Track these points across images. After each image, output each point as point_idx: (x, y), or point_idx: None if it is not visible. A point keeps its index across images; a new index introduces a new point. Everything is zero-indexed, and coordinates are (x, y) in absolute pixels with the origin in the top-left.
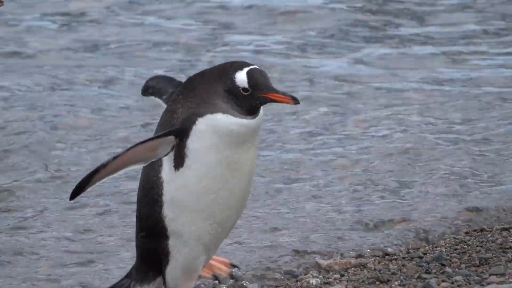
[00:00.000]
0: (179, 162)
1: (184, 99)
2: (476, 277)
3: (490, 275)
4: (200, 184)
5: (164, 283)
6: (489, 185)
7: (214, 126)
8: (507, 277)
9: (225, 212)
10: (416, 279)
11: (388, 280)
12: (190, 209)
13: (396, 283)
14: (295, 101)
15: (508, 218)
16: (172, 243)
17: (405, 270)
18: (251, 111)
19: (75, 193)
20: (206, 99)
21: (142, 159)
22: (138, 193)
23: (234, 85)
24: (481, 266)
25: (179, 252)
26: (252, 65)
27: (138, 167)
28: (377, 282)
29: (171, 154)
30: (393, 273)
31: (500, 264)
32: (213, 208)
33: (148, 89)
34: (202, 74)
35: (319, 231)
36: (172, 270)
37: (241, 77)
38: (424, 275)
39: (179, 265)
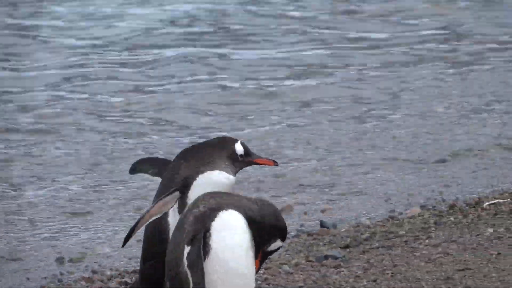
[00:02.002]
0: (182, 210)
1: (186, 161)
2: None
3: None
4: None
5: None
6: None
7: (212, 180)
8: None
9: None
10: None
11: None
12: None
13: None
14: (276, 163)
15: None
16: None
17: None
18: (236, 172)
19: (126, 240)
20: (207, 161)
21: (159, 212)
22: (146, 235)
23: (234, 153)
24: None
25: None
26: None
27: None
28: None
29: (175, 205)
30: None
31: None
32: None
33: (135, 170)
34: (201, 145)
35: None
36: None
37: (238, 147)
38: None
39: None
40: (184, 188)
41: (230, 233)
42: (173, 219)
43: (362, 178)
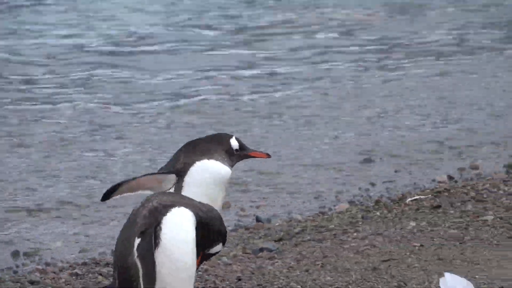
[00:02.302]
0: (178, 191)
1: (186, 151)
2: None
3: None
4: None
5: None
6: None
7: (208, 167)
8: None
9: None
10: None
11: None
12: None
13: None
14: (268, 155)
15: None
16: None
17: None
18: (232, 165)
19: (104, 197)
20: (205, 152)
21: (151, 187)
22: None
23: (230, 148)
24: None
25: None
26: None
27: (148, 193)
28: None
29: (172, 189)
30: None
31: None
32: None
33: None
34: (201, 140)
35: None
36: None
37: (234, 142)
38: None
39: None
40: (181, 172)
41: (180, 229)
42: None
43: (294, 178)
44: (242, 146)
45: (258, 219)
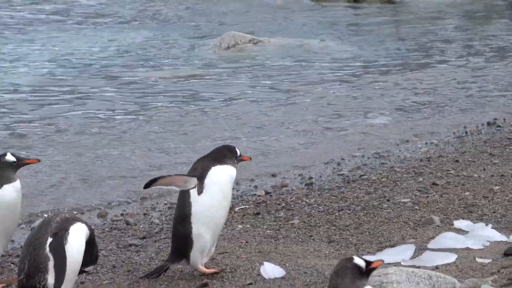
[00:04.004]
0: (200, 191)
1: (202, 162)
2: None
3: None
4: (211, 203)
5: (188, 261)
6: None
7: (220, 171)
8: None
9: (222, 218)
10: None
11: None
12: (206, 216)
13: None
14: (250, 159)
15: None
16: (194, 238)
17: None
18: (236, 167)
19: (146, 186)
20: (217, 160)
21: (178, 185)
22: (175, 211)
23: (237, 156)
24: None
25: (198, 242)
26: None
27: (176, 189)
28: None
29: (195, 188)
30: None
31: None
32: (217, 215)
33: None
34: (214, 151)
35: None
36: (194, 253)
37: (238, 151)
38: None
39: (198, 249)
40: (201, 176)
41: (80, 237)
42: (193, 199)
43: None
44: (240, 153)
45: (127, 223)
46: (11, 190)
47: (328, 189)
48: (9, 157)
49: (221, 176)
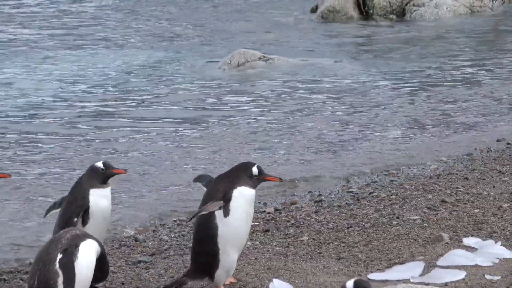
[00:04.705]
0: (226, 213)
1: (224, 182)
2: None
3: None
4: (238, 224)
5: (212, 279)
6: None
7: (243, 193)
8: None
9: (246, 237)
10: None
11: None
12: (233, 237)
13: None
14: (281, 179)
15: None
16: (221, 258)
17: None
18: (255, 186)
19: (191, 219)
20: (236, 180)
21: (211, 210)
22: (197, 233)
23: (252, 174)
24: None
25: (226, 262)
26: (255, 163)
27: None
28: None
29: (221, 210)
30: None
31: None
32: (241, 236)
33: (197, 180)
34: (231, 170)
35: None
36: (219, 272)
37: (255, 169)
38: None
39: (224, 269)
40: (227, 199)
41: (90, 254)
42: (219, 221)
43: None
44: (260, 172)
45: (136, 239)
46: (104, 197)
47: (338, 206)
48: (99, 164)
49: (246, 198)
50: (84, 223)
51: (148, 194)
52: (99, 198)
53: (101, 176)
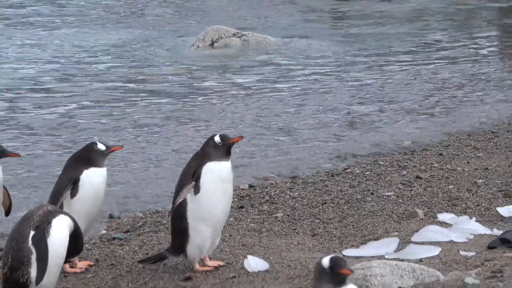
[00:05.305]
0: (197, 191)
1: (195, 160)
2: None
3: None
4: (207, 202)
5: (186, 256)
6: None
7: (211, 169)
8: None
9: (223, 213)
10: None
11: None
12: (203, 213)
13: None
14: (242, 137)
15: None
16: (191, 233)
17: None
18: (225, 154)
19: (172, 210)
20: (205, 157)
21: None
22: (171, 209)
23: (216, 144)
24: None
25: (196, 237)
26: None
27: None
28: None
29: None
30: None
31: None
32: (214, 213)
33: None
34: (200, 149)
35: None
36: (191, 248)
37: (217, 138)
38: None
39: (195, 245)
40: (196, 177)
41: (62, 230)
42: (190, 198)
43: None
44: (223, 138)
45: (111, 216)
46: (98, 174)
47: (312, 182)
48: (101, 146)
49: (214, 173)
50: (72, 195)
51: (122, 173)
52: (92, 174)
53: (98, 155)
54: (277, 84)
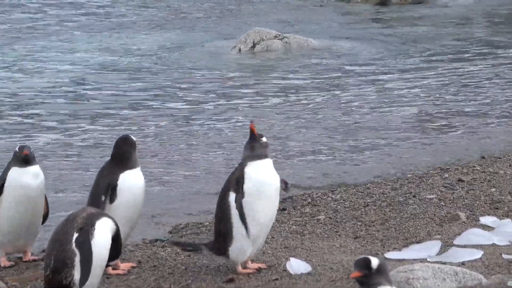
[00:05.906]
0: (242, 196)
1: (239, 167)
2: None
3: None
4: (255, 207)
5: (228, 257)
6: None
7: (263, 169)
8: None
9: (266, 220)
10: None
11: None
12: (248, 216)
13: None
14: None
15: None
16: (236, 236)
17: None
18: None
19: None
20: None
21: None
22: (217, 211)
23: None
24: None
25: (240, 240)
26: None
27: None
28: None
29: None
30: None
31: None
32: (258, 215)
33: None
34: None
35: None
36: (234, 250)
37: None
38: None
39: (239, 247)
40: (240, 182)
41: (106, 232)
42: (232, 201)
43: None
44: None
45: (153, 217)
46: (134, 176)
47: (354, 184)
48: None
49: (263, 176)
50: (112, 201)
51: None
52: (128, 177)
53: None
54: (330, 85)
